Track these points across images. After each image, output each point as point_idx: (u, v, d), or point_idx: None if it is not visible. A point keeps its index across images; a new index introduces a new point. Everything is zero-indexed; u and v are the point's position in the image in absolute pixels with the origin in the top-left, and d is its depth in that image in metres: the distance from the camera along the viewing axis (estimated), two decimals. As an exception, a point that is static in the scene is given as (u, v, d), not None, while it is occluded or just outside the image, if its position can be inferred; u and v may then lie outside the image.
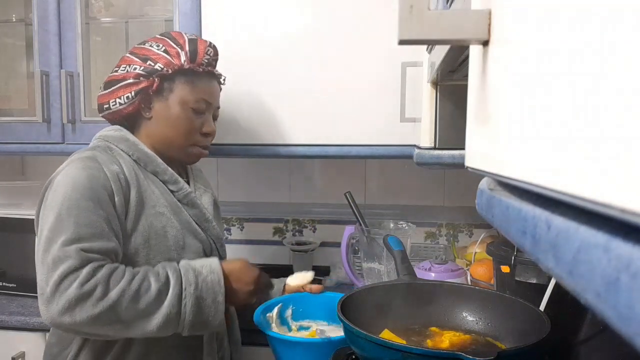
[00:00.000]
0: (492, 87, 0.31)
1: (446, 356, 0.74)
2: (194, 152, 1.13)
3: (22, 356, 1.39)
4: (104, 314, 0.88)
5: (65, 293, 0.87)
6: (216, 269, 0.99)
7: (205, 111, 1.12)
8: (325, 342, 1.03)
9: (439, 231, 1.78)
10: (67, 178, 0.96)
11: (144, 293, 0.91)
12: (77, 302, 0.87)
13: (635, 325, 0.14)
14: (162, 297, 0.93)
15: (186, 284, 0.95)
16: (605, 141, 0.16)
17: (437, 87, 0.95)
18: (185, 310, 0.94)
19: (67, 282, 0.88)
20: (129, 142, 1.07)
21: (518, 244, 0.25)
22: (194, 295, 0.95)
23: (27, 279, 1.50)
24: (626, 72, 0.15)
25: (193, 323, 0.95)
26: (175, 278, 0.95)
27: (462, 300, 0.98)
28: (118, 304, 0.89)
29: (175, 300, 0.93)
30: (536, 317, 0.85)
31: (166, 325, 0.93)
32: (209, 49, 1.12)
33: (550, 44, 0.21)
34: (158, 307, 0.92)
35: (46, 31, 1.49)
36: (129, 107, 1.08)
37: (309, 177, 1.83)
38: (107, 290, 0.89)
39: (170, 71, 1.07)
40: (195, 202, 1.12)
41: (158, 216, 1.04)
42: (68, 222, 0.92)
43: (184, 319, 0.94)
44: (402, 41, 0.31)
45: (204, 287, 0.96)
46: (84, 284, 0.88)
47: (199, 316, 0.95)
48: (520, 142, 0.25)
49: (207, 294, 0.96)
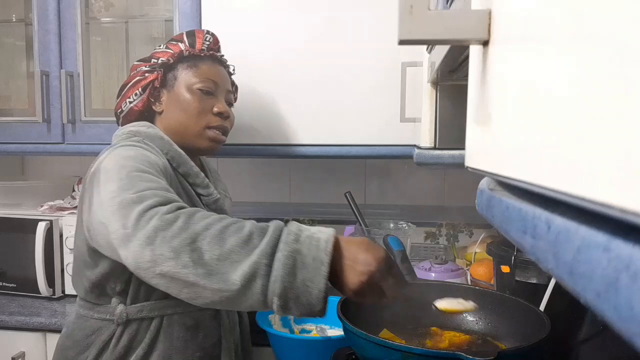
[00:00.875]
0: (492, 87, 0.31)
1: (446, 356, 0.74)
2: (210, 135, 1.08)
3: (22, 356, 1.39)
4: (182, 246, 0.73)
5: (146, 226, 0.76)
6: (329, 230, 0.77)
7: (214, 92, 1.10)
8: (326, 340, 1.03)
9: (439, 231, 1.78)
10: (115, 157, 0.91)
11: (233, 232, 0.75)
12: (157, 232, 0.75)
13: (635, 325, 0.14)
14: (253, 241, 0.74)
15: (285, 234, 0.75)
16: (605, 141, 0.16)
17: (437, 87, 0.95)
18: (276, 263, 0.72)
19: (148, 215, 0.78)
20: (163, 141, 1.03)
21: (518, 244, 0.25)
22: (291, 247, 0.73)
23: (27, 279, 1.50)
24: (627, 71, 0.15)
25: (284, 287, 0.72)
26: (275, 226, 0.77)
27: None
28: (201, 239, 0.74)
29: (269, 248, 0.73)
30: (536, 317, 0.85)
31: (252, 279, 0.72)
32: (207, 36, 1.13)
33: (550, 44, 0.21)
34: (247, 252, 0.73)
35: (46, 31, 1.49)
36: (139, 103, 1.08)
37: (309, 177, 1.83)
38: (189, 221, 0.76)
39: (171, 60, 1.09)
40: (223, 209, 1.10)
41: None
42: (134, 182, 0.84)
43: (274, 276, 0.72)
44: (402, 41, 0.31)
45: (306, 241, 0.74)
46: (166, 214, 0.77)
47: (292, 274, 0.72)
48: (520, 142, 0.25)
49: (309, 249, 0.73)
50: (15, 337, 1.39)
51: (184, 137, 1.08)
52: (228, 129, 1.12)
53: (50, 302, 1.50)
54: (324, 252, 0.73)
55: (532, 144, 0.23)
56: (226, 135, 1.12)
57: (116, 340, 0.96)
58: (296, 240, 0.74)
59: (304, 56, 1.38)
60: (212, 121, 1.08)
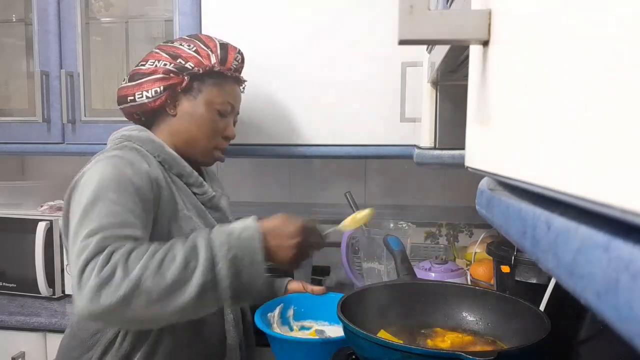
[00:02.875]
0: (492, 87, 0.31)
1: (446, 356, 0.74)
2: (214, 155, 1.13)
3: (22, 356, 1.39)
4: (129, 294, 0.79)
5: (87, 284, 0.80)
6: (251, 224, 0.88)
7: (228, 114, 1.12)
8: (326, 342, 1.03)
9: (439, 231, 1.78)
10: (94, 175, 0.92)
11: (168, 264, 0.81)
12: (99, 289, 0.80)
13: (635, 326, 0.14)
14: (190, 265, 0.82)
15: (217, 246, 0.84)
16: (605, 141, 0.16)
17: (437, 87, 0.95)
18: (220, 275, 0.82)
19: (87, 271, 0.81)
20: (155, 144, 1.04)
21: (518, 244, 0.25)
22: (228, 256, 0.83)
23: (27, 279, 1.50)
24: (627, 72, 0.15)
25: (234, 288, 0.83)
26: (204, 243, 0.84)
27: (462, 300, 0.98)
28: (142, 281, 0.80)
29: (208, 266, 0.82)
30: (536, 317, 0.85)
31: (203, 297, 0.81)
32: (238, 56, 1.13)
33: (550, 44, 0.21)
34: (188, 277, 0.81)
35: (46, 31, 1.49)
36: (156, 101, 1.06)
37: (309, 177, 1.83)
38: (126, 269, 0.81)
39: (201, 71, 1.07)
40: (219, 206, 1.12)
41: (186, 219, 1.01)
42: (92, 214, 0.87)
43: (222, 286, 0.82)
44: (402, 41, 0.31)
45: (238, 245, 0.84)
46: (101, 269, 0.81)
47: (238, 279, 0.83)
48: (520, 142, 0.25)
49: (244, 253, 0.84)
50: (15, 337, 1.39)
51: (190, 148, 1.09)
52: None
53: (50, 302, 1.50)
54: (258, 252, 0.85)
55: (532, 143, 0.23)
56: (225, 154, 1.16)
57: (121, 339, 0.96)
58: (229, 250, 0.83)
59: (304, 56, 1.38)
60: (221, 144, 1.12)
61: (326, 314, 1.18)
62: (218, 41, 1.12)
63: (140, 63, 1.10)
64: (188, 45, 1.09)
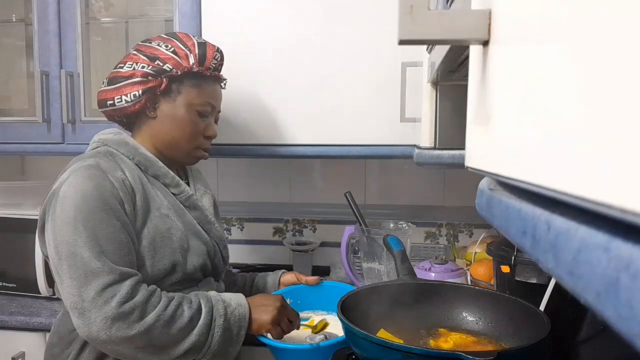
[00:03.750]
0: (492, 87, 0.31)
1: (446, 356, 0.74)
2: (197, 155, 1.14)
3: (22, 356, 1.39)
4: (137, 336, 0.90)
5: (103, 308, 0.89)
6: (243, 302, 1.02)
7: (209, 114, 1.12)
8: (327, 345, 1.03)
9: (439, 231, 1.78)
10: (74, 188, 0.95)
11: (177, 318, 0.94)
12: (115, 321, 0.89)
13: (635, 326, 0.14)
14: (193, 324, 0.95)
15: (216, 315, 0.98)
16: (605, 141, 0.16)
17: (437, 87, 0.95)
18: (213, 340, 0.97)
19: (105, 296, 0.89)
20: (129, 146, 1.06)
21: (518, 244, 0.25)
22: (223, 326, 0.98)
23: (27, 279, 1.50)
24: (626, 72, 0.15)
25: (215, 352, 0.98)
26: (207, 307, 0.98)
27: (462, 300, 0.98)
28: (153, 328, 0.91)
29: (205, 329, 0.96)
30: (536, 317, 0.85)
31: (191, 352, 0.96)
32: (217, 54, 1.12)
33: (550, 44, 0.21)
34: (188, 333, 0.95)
35: (46, 31, 1.49)
36: (135, 105, 1.06)
37: (309, 177, 1.83)
38: (144, 314, 0.91)
39: (179, 73, 1.07)
40: (197, 205, 1.12)
41: (163, 218, 1.04)
42: (86, 235, 0.92)
43: (209, 348, 0.97)
44: (402, 41, 0.31)
45: (232, 319, 0.99)
46: (123, 303, 0.90)
47: (223, 346, 0.98)
48: (520, 142, 0.25)
49: (234, 326, 0.99)
50: (15, 337, 1.39)
51: (172, 149, 1.11)
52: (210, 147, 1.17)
53: (50, 302, 1.50)
54: (244, 327, 1.01)
55: (532, 144, 0.23)
56: (209, 152, 1.17)
57: None
58: (225, 320, 0.99)
59: (304, 56, 1.38)
60: (202, 144, 1.13)
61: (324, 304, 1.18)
62: (196, 40, 1.11)
63: (118, 65, 1.10)
64: (166, 45, 1.08)
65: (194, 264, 1.06)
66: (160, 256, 1.01)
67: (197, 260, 1.06)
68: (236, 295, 1.03)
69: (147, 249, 1.00)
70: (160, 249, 1.01)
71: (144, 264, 1.00)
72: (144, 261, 1.00)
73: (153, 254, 1.01)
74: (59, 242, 0.93)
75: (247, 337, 1.23)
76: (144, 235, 1.00)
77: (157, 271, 1.01)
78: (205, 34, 1.40)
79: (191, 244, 1.07)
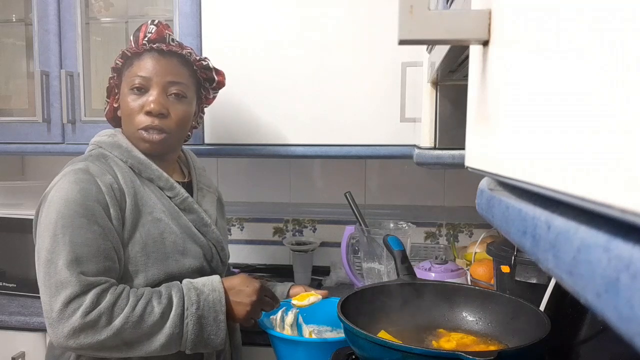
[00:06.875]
0: (492, 87, 0.31)
1: (446, 356, 0.74)
2: (142, 137, 1.03)
3: (22, 356, 1.39)
4: (108, 339, 0.91)
5: (69, 320, 0.90)
6: (218, 287, 1.00)
7: (146, 88, 1.03)
8: (326, 342, 1.03)
9: (439, 231, 1.78)
10: (59, 193, 0.95)
11: (147, 316, 0.93)
12: (81, 331, 0.90)
13: (635, 325, 0.14)
14: (164, 317, 0.94)
15: (188, 304, 0.96)
16: (605, 141, 0.16)
17: (437, 87, 0.95)
18: (187, 329, 0.96)
19: (70, 309, 0.90)
20: (122, 149, 1.05)
21: (518, 244, 0.25)
22: (196, 314, 0.96)
23: (27, 279, 1.50)
24: (626, 71, 0.15)
25: (195, 342, 0.97)
26: (177, 298, 0.96)
27: (462, 300, 0.98)
28: (123, 330, 0.91)
29: (178, 320, 0.95)
30: (536, 317, 0.85)
31: (169, 345, 0.95)
32: (151, 27, 1.07)
33: (550, 44, 0.21)
34: (161, 327, 0.94)
35: (46, 31, 1.49)
36: (108, 109, 1.12)
37: (309, 177, 1.83)
38: (111, 318, 0.91)
39: (119, 64, 1.09)
40: (193, 207, 1.11)
41: (155, 222, 1.02)
42: (64, 242, 0.92)
43: (186, 338, 0.96)
44: (402, 41, 0.31)
45: (205, 306, 0.97)
46: (87, 313, 0.90)
47: (200, 334, 0.97)
48: (520, 142, 0.25)
49: (209, 312, 0.97)
50: (15, 337, 1.39)
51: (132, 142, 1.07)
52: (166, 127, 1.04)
53: (50, 302, 1.50)
54: (221, 312, 0.98)
55: (532, 143, 0.23)
56: (167, 132, 1.04)
57: None
58: (198, 308, 0.96)
59: (304, 56, 1.38)
60: (141, 122, 1.03)
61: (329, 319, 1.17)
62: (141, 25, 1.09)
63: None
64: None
65: (190, 267, 1.05)
66: (153, 261, 1.01)
67: (193, 263, 1.06)
68: (210, 279, 1.01)
69: (140, 254, 1.00)
70: (153, 254, 1.01)
71: (138, 269, 1.00)
72: (138, 266, 1.00)
73: (146, 259, 1.00)
74: (40, 248, 0.95)
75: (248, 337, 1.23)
76: (135, 239, 1.00)
77: (152, 275, 1.00)
78: (205, 34, 1.40)
79: (187, 246, 1.06)
